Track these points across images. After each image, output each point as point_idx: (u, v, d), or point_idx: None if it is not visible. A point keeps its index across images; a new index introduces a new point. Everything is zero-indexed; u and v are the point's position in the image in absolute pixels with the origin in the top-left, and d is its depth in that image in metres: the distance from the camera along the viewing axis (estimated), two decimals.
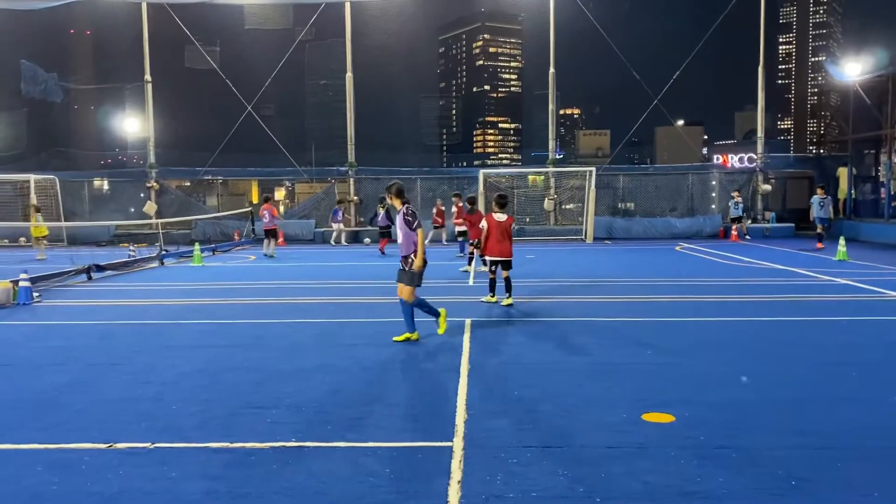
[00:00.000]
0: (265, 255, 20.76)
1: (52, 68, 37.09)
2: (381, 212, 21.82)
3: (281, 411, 5.82)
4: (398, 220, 8.45)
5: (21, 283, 12.14)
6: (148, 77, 30.15)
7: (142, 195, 30.03)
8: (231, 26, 33.03)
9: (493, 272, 11.41)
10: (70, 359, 7.93)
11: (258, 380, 6.85)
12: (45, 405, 6.11)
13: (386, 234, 21.58)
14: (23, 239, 27.55)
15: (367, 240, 27.13)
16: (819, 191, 22.14)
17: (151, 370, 7.28)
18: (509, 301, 11.08)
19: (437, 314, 8.87)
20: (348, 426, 5.43)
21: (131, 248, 20.16)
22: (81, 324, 10.30)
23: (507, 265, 11.26)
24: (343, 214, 27.78)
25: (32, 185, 27.34)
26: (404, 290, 8.45)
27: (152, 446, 5.03)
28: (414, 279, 8.41)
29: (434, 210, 24.72)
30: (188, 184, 33.76)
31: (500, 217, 11.13)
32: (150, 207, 28.29)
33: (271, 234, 21.04)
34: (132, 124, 34.78)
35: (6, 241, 27.70)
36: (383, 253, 20.92)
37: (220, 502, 4.12)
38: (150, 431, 5.36)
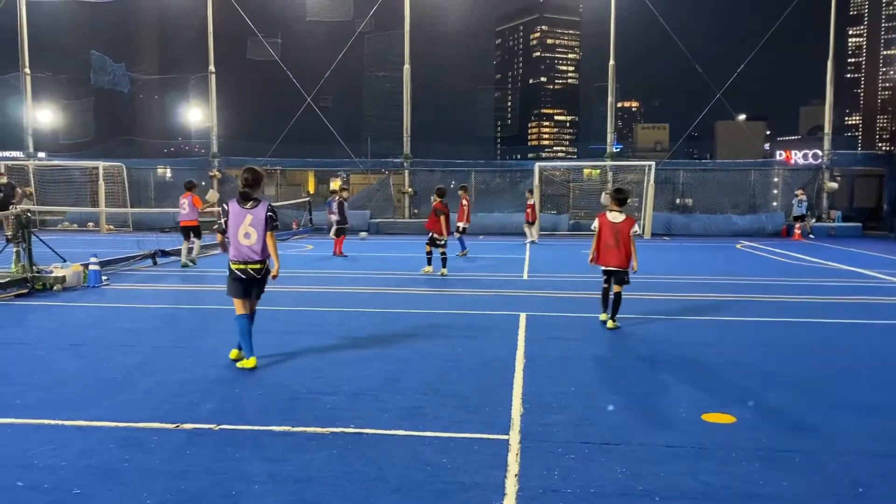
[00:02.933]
0: (183, 264, 15.60)
1: (120, 59, 38.21)
2: (337, 203, 18.93)
3: (340, 398, 5.93)
4: (256, 215, 6.92)
5: (91, 267, 12.61)
6: (212, 68, 30.86)
7: (202, 183, 30.79)
8: (292, 18, 33.54)
9: (607, 283, 9.11)
10: (138, 340, 8.21)
11: (317, 366, 6.99)
12: (115, 384, 6.35)
13: (341, 231, 18.75)
14: (91, 224, 28.61)
15: (362, 233, 25.32)
16: None
17: (214, 354, 7.49)
18: (613, 324, 8.98)
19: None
20: (405, 415, 5.50)
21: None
22: (148, 307, 10.64)
23: (619, 277, 8.96)
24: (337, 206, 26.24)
25: (101, 171, 28.32)
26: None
27: (217, 428, 5.19)
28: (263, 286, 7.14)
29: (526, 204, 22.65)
30: None
31: (615, 217, 8.91)
32: (213, 195, 28.93)
33: (193, 231, 15.93)
34: (195, 114, 35.71)
35: (75, 225, 28.79)
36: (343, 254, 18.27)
37: (283, 485, 4.23)
38: (215, 413, 5.53)
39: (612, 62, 29.76)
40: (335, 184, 37.24)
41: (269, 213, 6.95)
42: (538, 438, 5.00)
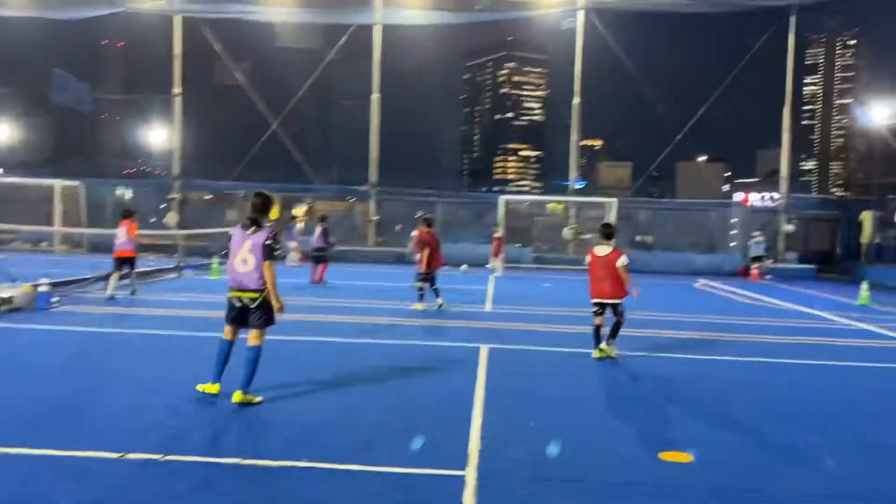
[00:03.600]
0: (109, 296, 13.67)
1: (84, 78, 37.84)
2: (318, 230, 18.34)
3: (294, 430, 5.77)
4: (255, 241, 6.48)
5: (41, 288, 12.22)
6: (177, 90, 30.59)
7: (162, 206, 30.32)
8: (261, 43, 33.73)
9: (599, 315, 9.23)
10: (85, 366, 7.94)
11: (272, 396, 6.80)
12: (58, 411, 6.10)
13: (321, 259, 18.24)
14: (45, 243, 27.88)
15: (464, 266, 24.02)
16: None
17: (165, 381, 7.26)
18: (610, 350, 9.18)
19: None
20: (361, 449, 5.36)
21: (151, 258, 20.29)
22: (98, 331, 10.33)
23: (615, 309, 9.13)
24: (295, 233, 24.61)
25: (57, 190, 27.69)
26: (262, 334, 6.69)
27: (163, 458, 4.99)
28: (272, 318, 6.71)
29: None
30: (210, 197, 34.05)
31: (602, 251, 9.12)
32: (172, 218, 28.54)
33: (126, 262, 14.00)
34: (158, 135, 35.28)
35: (29, 244, 28.02)
36: (322, 282, 17.84)
37: None
38: (162, 443, 5.32)
39: (576, 100, 30.27)
40: (298, 211, 36.99)
41: (267, 242, 6.45)
42: (496, 475, 4.91)
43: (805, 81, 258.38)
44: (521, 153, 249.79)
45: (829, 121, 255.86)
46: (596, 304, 9.19)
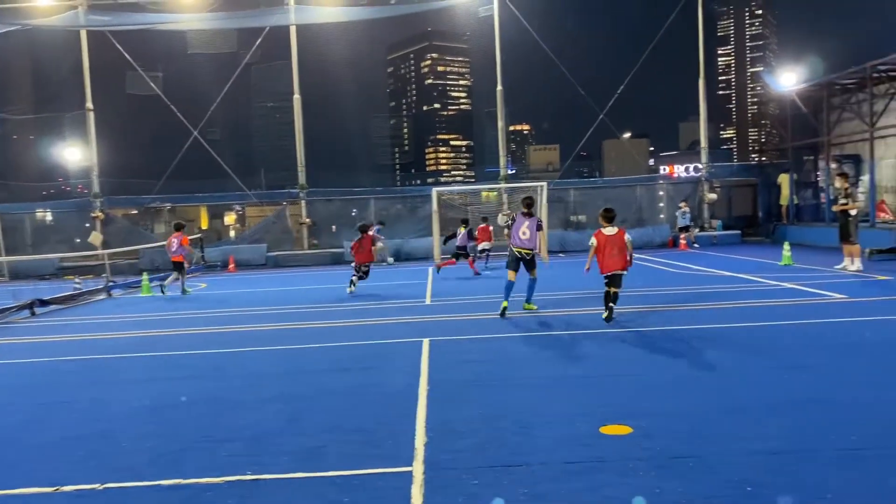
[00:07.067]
0: (183, 291, 18.12)
1: None
2: (462, 231, 20.73)
3: (238, 444, 5.69)
4: (531, 223, 11.70)
5: None
6: (89, 105, 29.52)
7: (87, 225, 29.27)
8: (174, 51, 32.60)
9: (611, 285, 10.73)
10: (13, 399, 7.64)
11: (214, 412, 6.70)
12: None
13: (463, 255, 20.27)
14: None
15: (390, 259, 26.23)
16: None
17: (100, 406, 7.06)
18: (608, 315, 10.66)
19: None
20: (307, 456, 5.34)
21: (77, 280, 19.61)
22: (25, 362, 9.95)
23: (616, 281, 10.66)
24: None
25: None
26: (535, 271, 12.00)
27: (102, 487, 4.86)
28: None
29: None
30: (135, 212, 32.99)
31: (610, 231, 10.75)
32: (96, 237, 27.59)
33: (179, 266, 18.22)
34: (74, 153, 34.02)
35: None
36: (477, 273, 19.67)
37: None
38: (100, 471, 5.18)
39: (499, 87, 30.51)
40: (229, 218, 36.23)
41: (539, 222, 11.85)
42: (443, 466, 4.95)
43: (718, 53, 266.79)
44: (451, 143, 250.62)
45: (743, 90, 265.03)
46: (611, 276, 10.64)
